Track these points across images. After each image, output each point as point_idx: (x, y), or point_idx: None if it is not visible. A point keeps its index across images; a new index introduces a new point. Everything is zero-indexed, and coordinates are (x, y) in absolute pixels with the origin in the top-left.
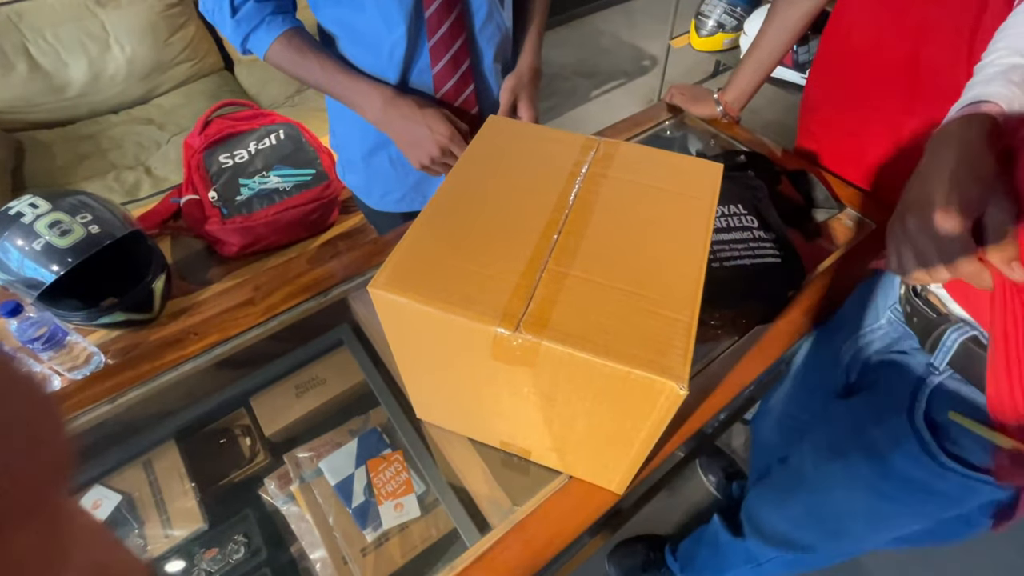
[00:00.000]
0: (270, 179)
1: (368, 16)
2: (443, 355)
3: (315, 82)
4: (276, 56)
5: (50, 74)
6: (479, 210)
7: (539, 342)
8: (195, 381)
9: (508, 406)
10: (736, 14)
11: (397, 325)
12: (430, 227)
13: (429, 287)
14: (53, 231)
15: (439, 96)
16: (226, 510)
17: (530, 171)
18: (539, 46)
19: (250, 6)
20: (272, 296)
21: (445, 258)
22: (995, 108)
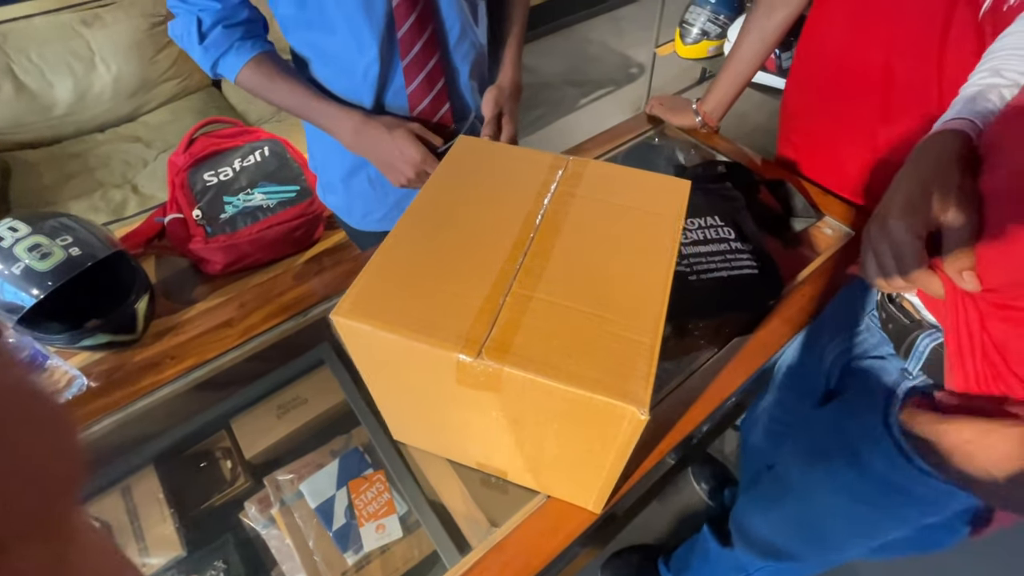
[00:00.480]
0: (254, 196)
1: (340, 38)
2: (411, 380)
3: (286, 106)
4: (246, 81)
5: (36, 94)
6: (445, 233)
7: (501, 368)
8: (175, 404)
9: (478, 429)
10: (719, 21)
11: (363, 351)
12: (395, 252)
13: (392, 314)
14: (32, 254)
15: (416, 114)
16: (205, 536)
17: (498, 192)
18: (519, 60)
19: (218, 32)
20: (252, 316)
21: (410, 283)
22: (967, 125)
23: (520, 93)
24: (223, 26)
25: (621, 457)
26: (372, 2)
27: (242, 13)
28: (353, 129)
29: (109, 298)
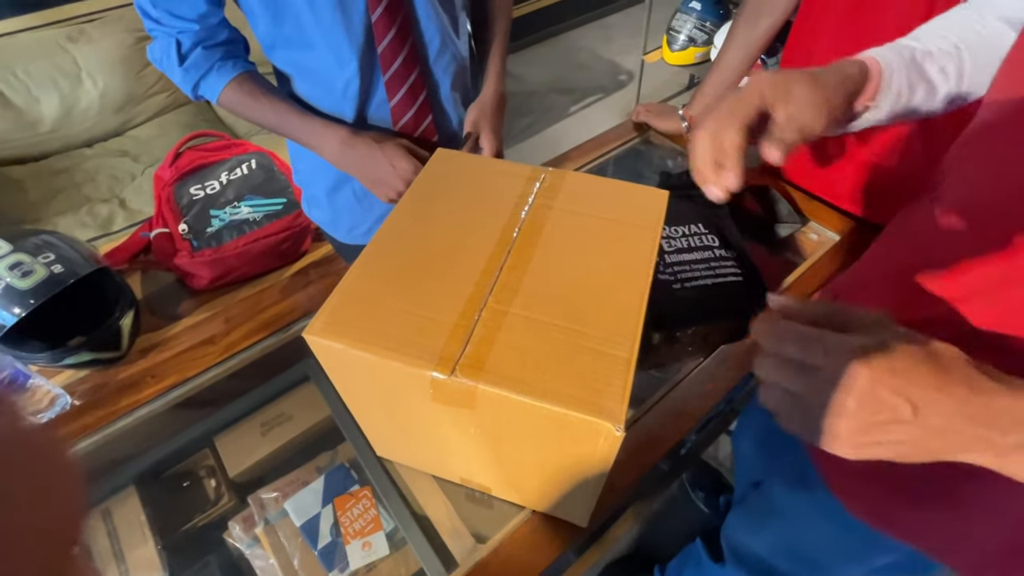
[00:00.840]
0: (241, 209)
1: (319, 54)
2: (388, 397)
3: (270, 125)
4: (228, 101)
5: (22, 110)
6: (421, 248)
7: (476, 385)
8: (157, 423)
9: (458, 446)
10: (706, 28)
11: (338, 370)
12: (370, 268)
13: (365, 331)
14: (14, 273)
15: (398, 128)
16: (188, 558)
17: (475, 205)
18: (503, 72)
19: (198, 53)
20: (235, 332)
21: (384, 300)
22: (872, 61)
23: (504, 104)
24: (203, 47)
25: (601, 472)
26: (350, 17)
27: (222, 34)
28: (340, 145)
29: (93, 315)
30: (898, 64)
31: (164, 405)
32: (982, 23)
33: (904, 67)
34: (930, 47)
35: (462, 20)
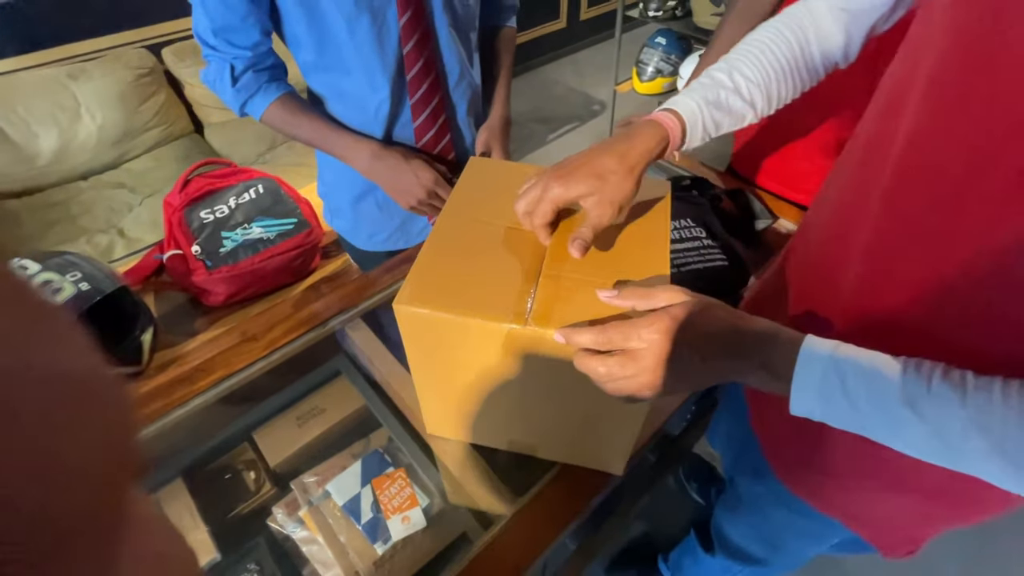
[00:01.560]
0: (252, 230)
1: (355, 80)
2: (460, 360)
3: (307, 139)
4: (271, 118)
5: (19, 146)
6: (476, 233)
7: (546, 331)
8: (198, 421)
9: (518, 402)
10: (671, 61)
11: (418, 337)
12: (436, 251)
13: (445, 298)
14: (44, 291)
15: (420, 145)
16: (237, 541)
17: (513, 198)
18: (508, 98)
19: (248, 76)
20: (272, 332)
21: (454, 275)
22: (671, 121)
23: (509, 126)
24: (253, 71)
25: (647, 406)
26: (385, 49)
27: (269, 60)
28: (370, 157)
29: (115, 332)
30: (702, 109)
31: (205, 403)
32: (810, 32)
33: (709, 109)
34: (739, 82)
35: (476, 53)
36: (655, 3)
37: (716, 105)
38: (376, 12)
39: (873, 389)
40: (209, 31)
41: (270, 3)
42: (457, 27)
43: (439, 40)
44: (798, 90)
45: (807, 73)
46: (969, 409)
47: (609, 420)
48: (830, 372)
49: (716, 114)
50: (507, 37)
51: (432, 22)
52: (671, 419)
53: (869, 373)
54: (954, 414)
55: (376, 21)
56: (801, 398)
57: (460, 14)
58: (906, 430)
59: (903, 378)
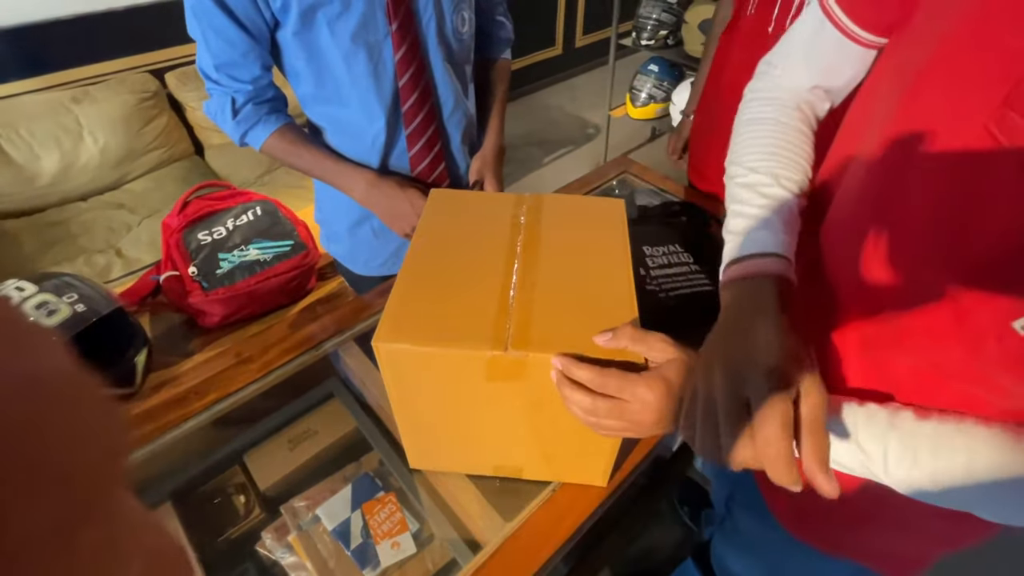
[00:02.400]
0: (249, 252)
1: (352, 111)
2: (442, 390)
3: (306, 169)
4: (271, 148)
5: (21, 166)
6: (446, 263)
7: (527, 354)
8: (189, 443)
9: (501, 425)
10: (663, 87)
11: (399, 372)
12: (410, 285)
13: (424, 331)
14: (40, 312)
15: (415, 174)
16: (225, 567)
17: (480, 227)
18: (501, 128)
19: (249, 108)
20: (267, 354)
21: (429, 307)
22: (780, 265)
23: (503, 155)
24: (253, 104)
25: None
26: (381, 82)
27: (269, 92)
28: (367, 185)
29: (109, 353)
30: (792, 237)
31: (196, 425)
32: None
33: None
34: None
35: (471, 84)
36: (647, 32)
37: (795, 224)
38: (372, 48)
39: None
40: (211, 66)
41: (271, 39)
42: (452, 60)
43: (434, 73)
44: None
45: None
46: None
47: (591, 436)
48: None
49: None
50: (502, 68)
51: (427, 56)
52: (663, 443)
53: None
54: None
55: (372, 56)
56: None
57: (455, 48)
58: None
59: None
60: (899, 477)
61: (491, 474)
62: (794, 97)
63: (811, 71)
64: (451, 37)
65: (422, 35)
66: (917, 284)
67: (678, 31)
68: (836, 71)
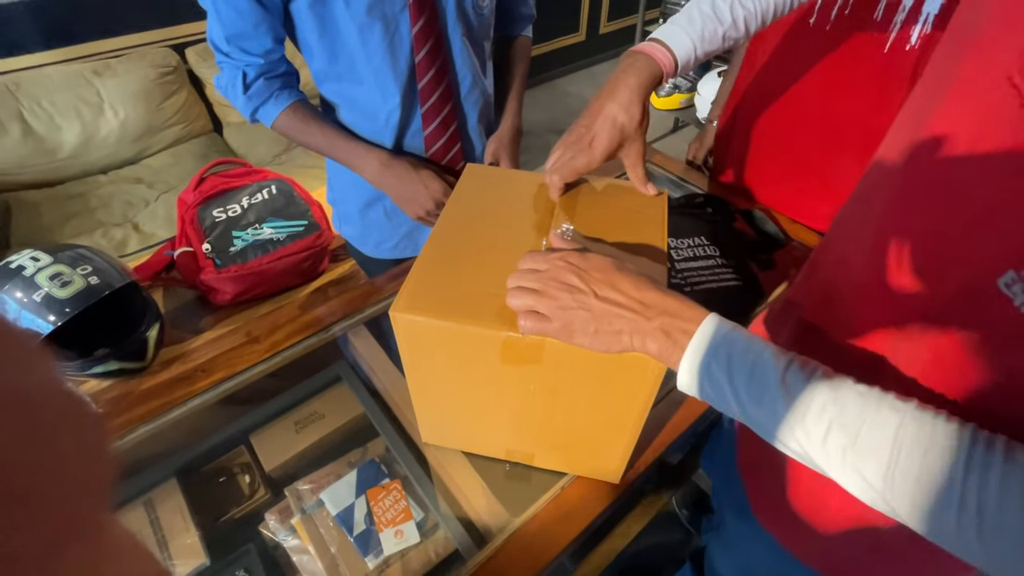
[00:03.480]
0: (263, 231)
1: (366, 88)
2: (456, 368)
3: (317, 147)
4: (282, 125)
5: (43, 138)
6: (473, 240)
7: (544, 339)
8: (195, 421)
9: (515, 408)
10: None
11: (414, 345)
12: (434, 258)
13: (442, 306)
14: (54, 283)
15: (429, 154)
16: (228, 546)
17: (511, 204)
18: (519, 109)
19: (260, 83)
20: (275, 334)
21: (451, 282)
22: (665, 58)
23: (520, 137)
24: (264, 78)
25: (643, 411)
26: (397, 58)
27: (281, 67)
28: (380, 166)
29: (121, 326)
30: (696, 47)
31: (203, 403)
32: None
33: (703, 45)
34: (738, 15)
35: (489, 62)
36: None
37: (711, 41)
38: (389, 20)
39: (755, 369)
40: (222, 38)
41: (283, 11)
42: (471, 36)
43: (452, 49)
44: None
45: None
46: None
47: (605, 427)
48: (721, 347)
49: (708, 48)
50: (522, 46)
51: (445, 30)
52: (671, 445)
53: (755, 352)
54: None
55: (388, 29)
56: (687, 371)
57: (474, 23)
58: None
59: (786, 363)
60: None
61: (503, 458)
62: None
63: None
64: (471, 11)
65: (441, 8)
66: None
67: None
68: None
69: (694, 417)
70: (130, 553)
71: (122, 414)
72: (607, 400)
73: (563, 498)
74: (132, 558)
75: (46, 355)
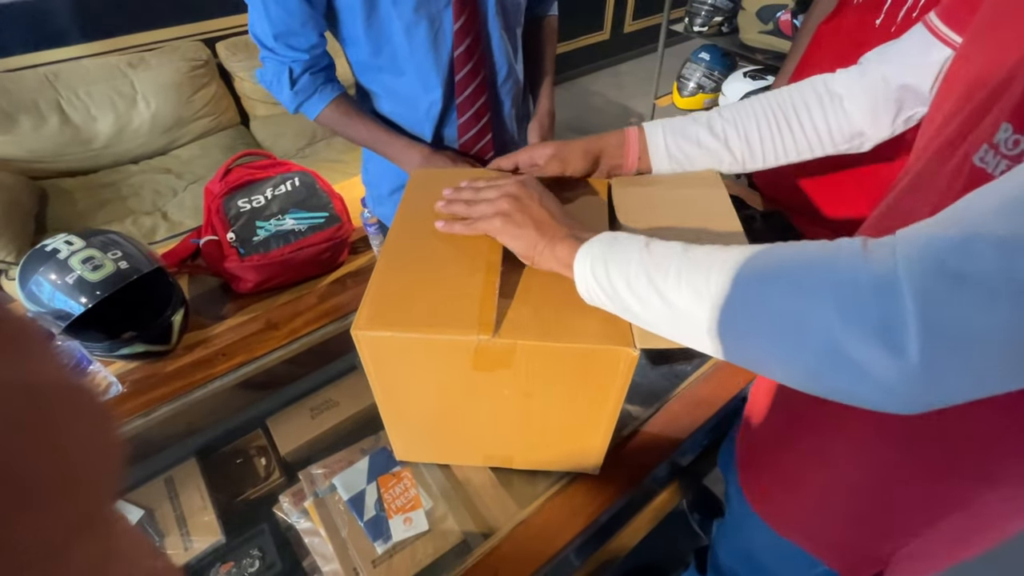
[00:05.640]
0: (285, 221)
1: (408, 80)
2: (427, 381)
3: (360, 139)
4: (325, 119)
5: (79, 127)
6: (427, 247)
7: (515, 342)
8: (215, 403)
9: (490, 415)
10: (714, 77)
11: (382, 363)
12: (391, 271)
13: (407, 318)
14: (86, 266)
15: (460, 143)
16: (242, 525)
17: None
18: (552, 91)
19: (306, 79)
20: (294, 321)
21: (412, 292)
22: (634, 135)
23: (554, 121)
24: (310, 73)
25: (618, 401)
26: (440, 52)
27: (324, 61)
28: (422, 159)
29: (148, 310)
30: (666, 135)
31: (222, 386)
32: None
33: (675, 137)
34: (713, 120)
35: (519, 47)
36: (701, 18)
37: (683, 135)
38: (433, 18)
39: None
40: (269, 35)
41: (327, 4)
42: (507, 26)
43: (491, 41)
44: (791, 146)
45: (803, 131)
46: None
47: (581, 422)
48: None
49: (683, 143)
50: (550, 27)
51: (485, 26)
52: (682, 447)
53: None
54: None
55: (433, 26)
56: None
57: (511, 12)
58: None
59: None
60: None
61: (481, 464)
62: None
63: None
64: (509, 4)
65: (482, 4)
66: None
67: (734, 18)
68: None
69: (704, 419)
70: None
71: (147, 394)
72: (581, 395)
73: (571, 493)
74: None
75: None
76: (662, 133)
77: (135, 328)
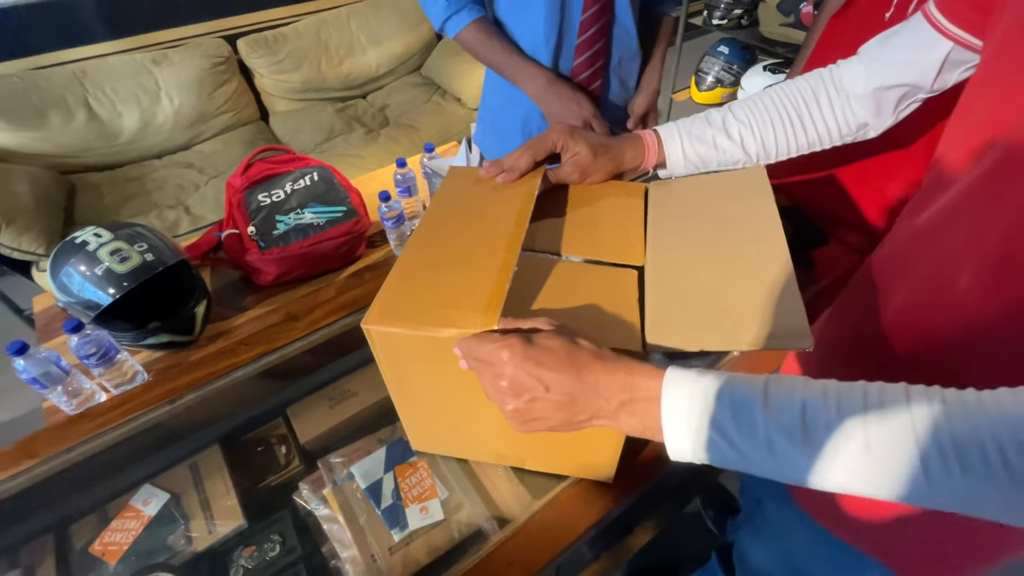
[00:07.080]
0: (304, 215)
1: (534, 14)
2: (438, 377)
3: (493, 61)
4: (467, 36)
5: (105, 123)
6: (449, 244)
7: None
8: (237, 392)
9: (498, 414)
10: (733, 71)
11: (392, 356)
12: (408, 266)
13: (417, 313)
14: (114, 258)
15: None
16: (263, 511)
17: (489, 206)
18: (661, 73)
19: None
20: (313, 313)
21: (425, 289)
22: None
23: (658, 97)
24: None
25: None
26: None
27: None
28: (546, 82)
29: (172, 301)
30: (682, 137)
31: (245, 376)
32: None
33: (690, 140)
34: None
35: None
36: (720, 11)
37: (699, 139)
38: None
39: (739, 413)
40: None
41: None
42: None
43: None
44: (803, 141)
45: (814, 126)
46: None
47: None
48: (696, 405)
49: (698, 146)
50: (667, 25)
51: None
52: None
53: (735, 396)
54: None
55: None
56: (675, 445)
57: None
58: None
59: (766, 394)
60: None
61: (493, 462)
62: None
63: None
64: None
65: None
66: None
67: (754, 11)
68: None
69: None
70: None
71: (172, 382)
72: None
73: (586, 486)
74: None
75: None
76: (679, 138)
77: (160, 319)
